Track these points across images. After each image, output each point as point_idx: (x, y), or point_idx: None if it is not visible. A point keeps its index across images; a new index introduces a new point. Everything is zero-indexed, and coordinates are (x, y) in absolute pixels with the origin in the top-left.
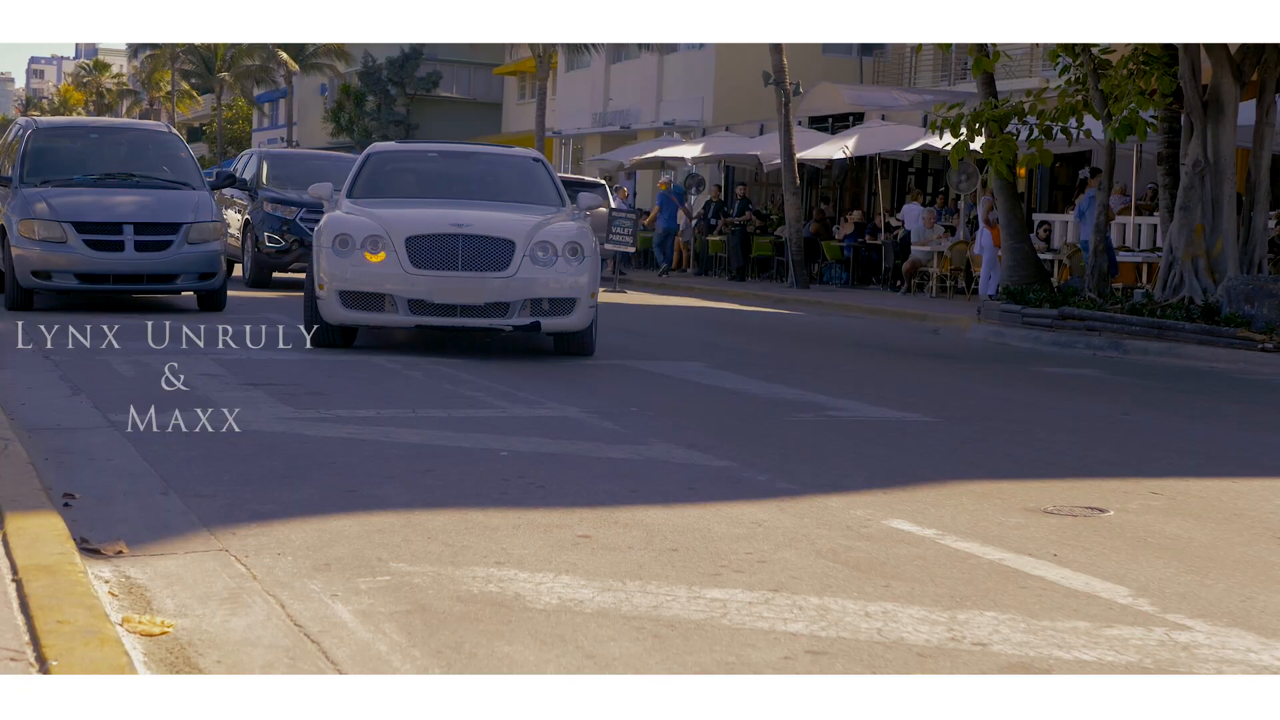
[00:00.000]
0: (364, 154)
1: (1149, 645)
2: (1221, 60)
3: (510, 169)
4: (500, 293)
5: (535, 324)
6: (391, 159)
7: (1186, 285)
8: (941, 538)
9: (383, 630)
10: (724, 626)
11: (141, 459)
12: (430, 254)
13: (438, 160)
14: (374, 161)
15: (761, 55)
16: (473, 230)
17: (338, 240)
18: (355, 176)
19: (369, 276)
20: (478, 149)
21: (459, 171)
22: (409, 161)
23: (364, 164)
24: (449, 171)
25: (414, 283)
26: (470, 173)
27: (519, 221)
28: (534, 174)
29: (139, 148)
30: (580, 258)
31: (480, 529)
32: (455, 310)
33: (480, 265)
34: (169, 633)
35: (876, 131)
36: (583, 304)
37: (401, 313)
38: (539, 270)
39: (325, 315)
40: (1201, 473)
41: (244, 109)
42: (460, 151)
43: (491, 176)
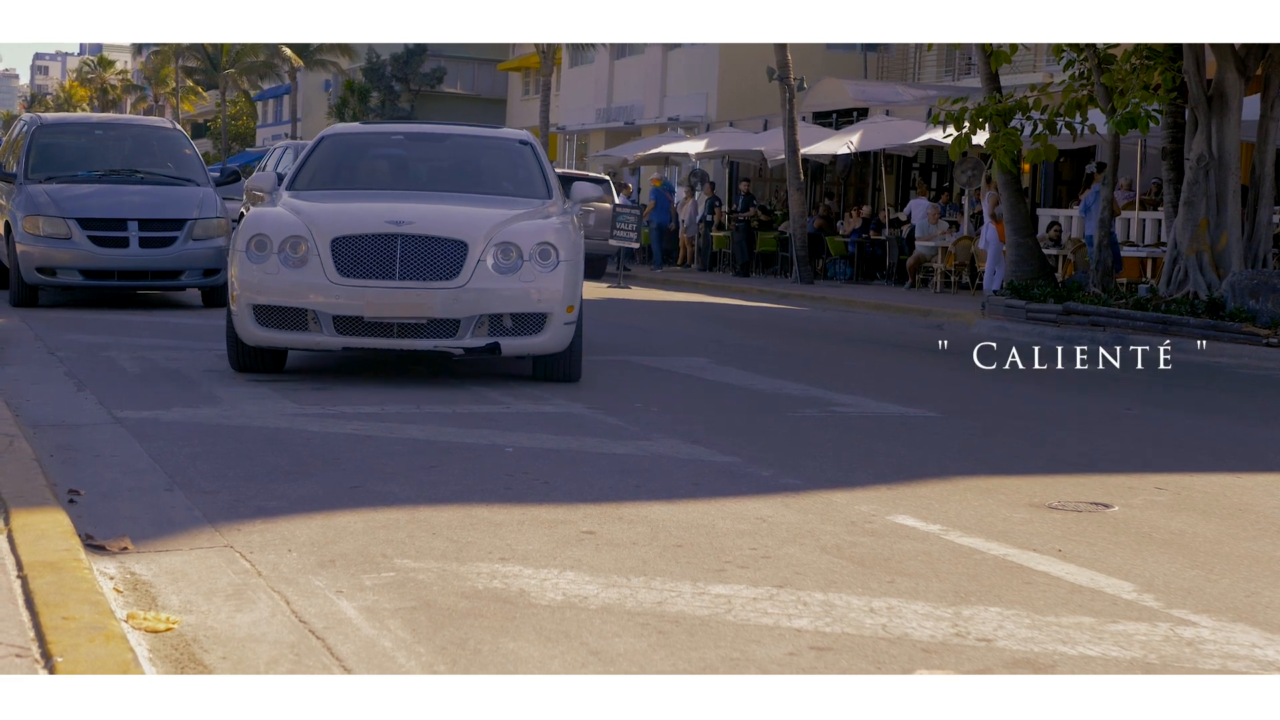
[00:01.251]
0: (316, 138)
1: (1154, 641)
2: (1226, 55)
3: (492, 154)
4: (448, 307)
5: (493, 345)
6: (348, 144)
7: (1191, 280)
8: (946, 533)
9: (388, 627)
10: (729, 622)
11: (146, 455)
12: (361, 259)
13: (404, 144)
14: (327, 147)
15: (765, 51)
16: (414, 229)
17: (253, 242)
18: (302, 165)
19: (287, 287)
20: (453, 130)
21: (429, 158)
22: (369, 146)
23: (314, 150)
24: (417, 158)
25: (340, 295)
26: (443, 159)
27: (476, 217)
28: (519, 160)
29: (143, 144)
30: (552, 261)
31: (485, 525)
32: (391, 329)
33: (423, 273)
34: (174, 629)
35: (881, 127)
36: (556, 319)
37: (326, 332)
38: (499, 278)
39: (240, 334)
40: (1206, 468)
41: (248, 105)
42: (432, 134)
43: (468, 164)
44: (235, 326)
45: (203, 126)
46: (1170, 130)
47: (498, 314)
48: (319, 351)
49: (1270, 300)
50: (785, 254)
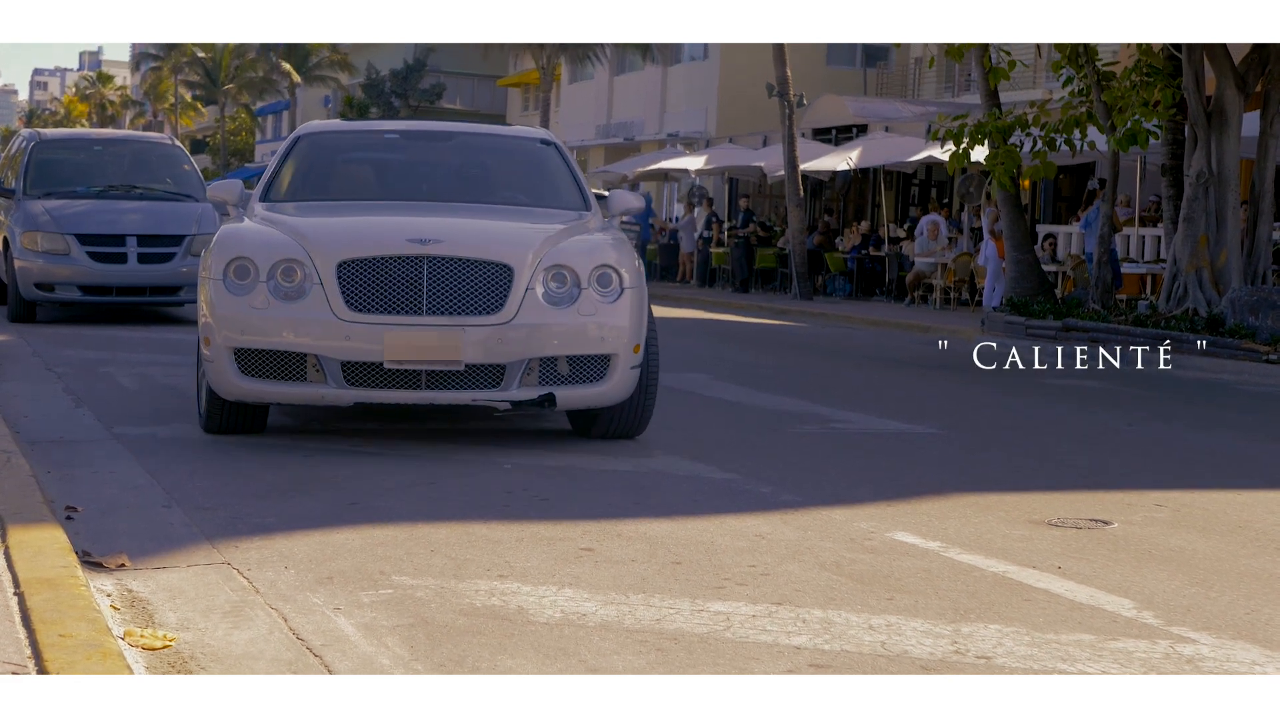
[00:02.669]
0: (291, 137)
1: (1154, 658)
2: (1225, 71)
3: (509, 157)
4: (491, 349)
5: (547, 397)
6: (330, 145)
7: (1190, 297)
8: (945, 550)
9: (385, 644)
10: (727, 640)
11: (144, 472)
12: (377, 288)
13: (399, 145)
14: (304, 148)
15: (765, 67)
16: (444, 249)
17: (232, 268)
18: (276, 170)
19: (280, 326)
20: (459, 128)
21: (432, 161)
22: (356, 148)
23: (289, 152)
24: (417, 161)
25: (352, 335)
26: (449, 163)
27: (518, 232)
28: (543, 163)
29: (142, 160)
30: (615, 289)
31: (483, 542)
32: (418, 378)
33: (457, 305)
34: (171, 646)
35: (880, 143)
36: (621, 363)
37: (332, 383)
38: (552, 311)
39: (215, 385)
40: (1206, 484)
41: (247, 121)
42: (433, 132)
43: (481, 168)
44: (209, 376)
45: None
46: (1170, 147)
47: (551, 357)
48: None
49: (1270, 317)
50: (784, 270)
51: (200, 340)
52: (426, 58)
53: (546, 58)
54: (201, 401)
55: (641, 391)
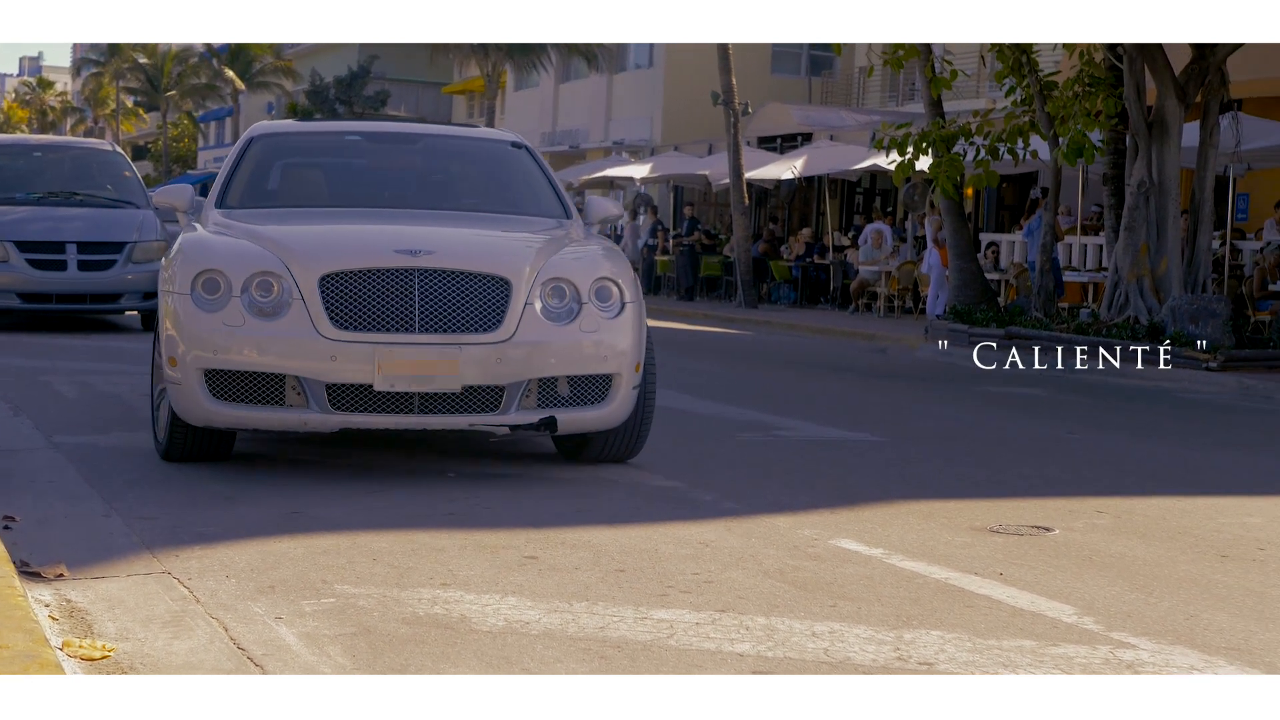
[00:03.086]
0: (243, 139)
1: (1094, 663)
2: (1166, 82)
3: (480, 161)
4: (489, 369)
5: (548, 420)
6: (287, 146)
7: (1132, 305)
8: (888, 557)
9: (327, 653)
10: (671, 647)
11: (83, 481)
12: (365, 304)
13: (364, 148)
14: (260, 151)
15: (710, 75)
16: (435, 260)
17: (201, 281)
18: (230, 174)
19: (257, 344)
20: (425, 129)
21: (399, 165)
22: (316, 150)
23: (243, 155)
24: (384, 165)
25: (338, 355)
26: (416, 167)
27: (513, 243)
28: (517, 168)
29: (83, 166)
30: (615, 304)
31: (426, 550)
32: (410, 402)
33: (452, 322)
34: (110, 656)
35: (825, 151)
36: (623, 383)
37: (315, 407)
38: (552, 329)
39: (182, 410)
40: (1146, 491)
41: (190, 128)
42: (397, 134)
43: (450, 173)
44: (175, 400)
45: (144, 149)
46: (1111, 156)
47: (551, 378)
48: (296, 435)
49: (1209, 325)
50: (729, 278)
51: (162, 360)
52: (371, 64)
53: (492, 65)
54: (159, 426)
55: (639, 413)
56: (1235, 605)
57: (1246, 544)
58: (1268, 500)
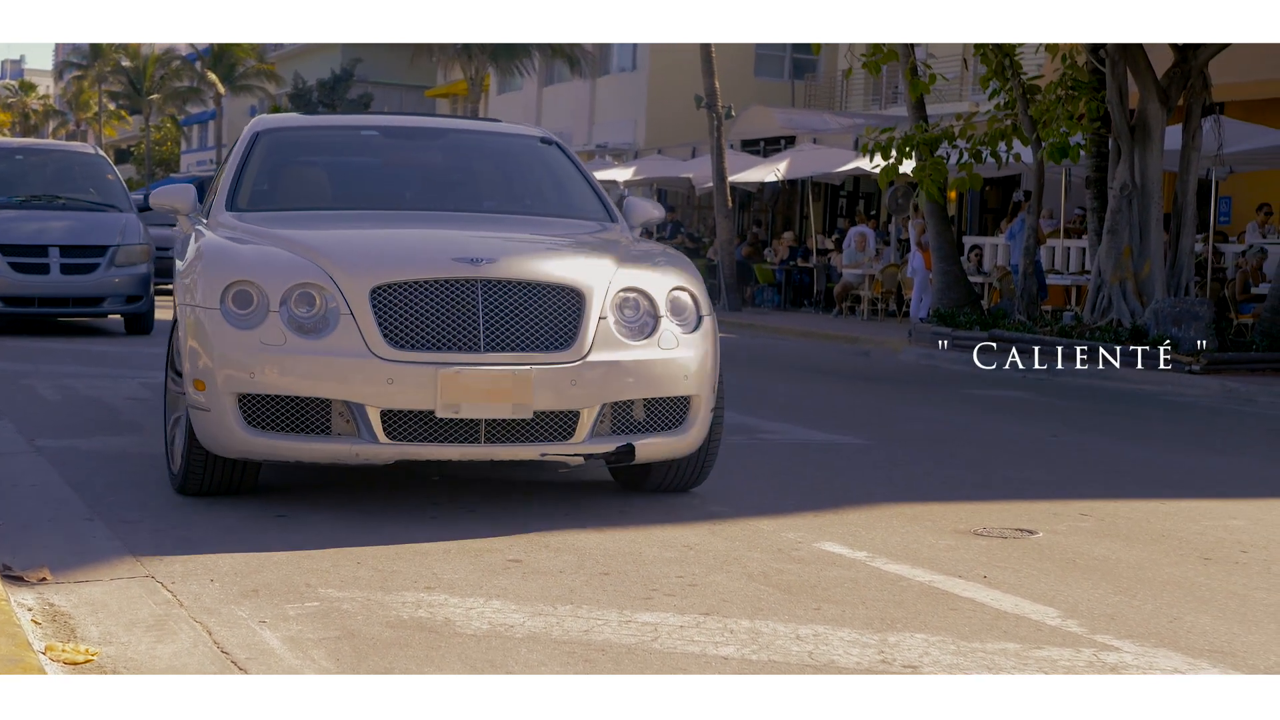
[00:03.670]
0: (247, 135)
1: (1078, 666)
2: (1148, 85)
3: (509, 158)
4: (563, 393)
5: (625, 449)
6: (297, 143)
7: (1115, 308)
8: (872, 560)
9: (311, 657)
10: (655, 651)
11: (66, 484)
12: (424, 319)
13: (379, 143)
14: (267, 148)
15: (693, 78)
16: (500, 270)
17: (232, 294)
18: (238, 174)
19: (302, 365)
20: (448, 124)
21: (423, 164)
22: (330, 147)
23: (249, 153)
24: (406, 163)
25: (395, 378)
26: (440, 166)
27: (581, 249)
28: (550, 166)
29: (65, 170)
30: (692, 317)
31: (410, 554)
32: (476, 430)
33: (522, 340)
34: (93, 660)
35: (808, 154)
36: (702, 406)
37: (366, 436)
38: (628, 346)
39: (210, 439)
40: (1129, 494)
41: (173, 131)
42: (417, 129)
43: (479, 172)
44: (202, 428)
45: (126, 152)
46: (1094, 159)
47: (627, 401)
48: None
49: (1192, 327)
50: (713, 281)
51: (184, 383)
52: (354, 68)
53: (475, 68)
54: (175, 457)
55: (710, 438)
56: (1218, 608)
57: (1229, 546)
58: (1250, 503)
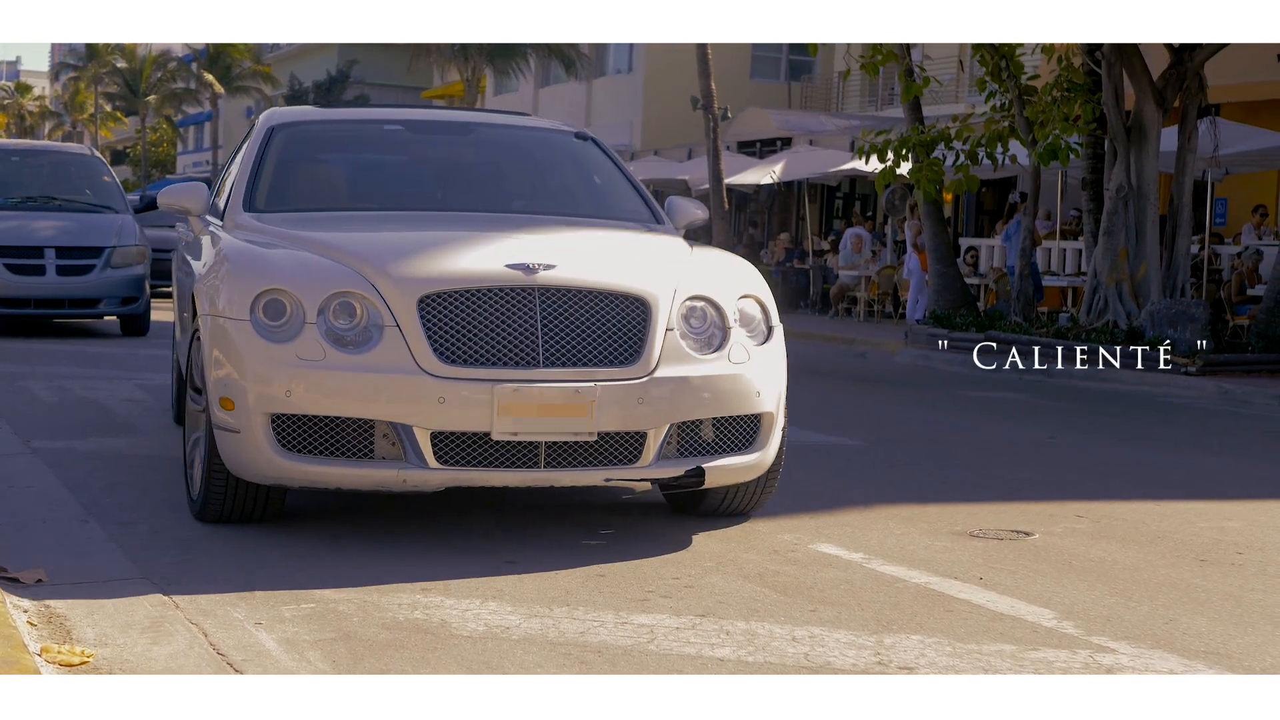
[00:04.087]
0: (261, 129)
1: (1074, 667)
2: (1144, 87)
3: (543, 155)
4: (629, 412)
5: (695, 472)
6: (315, 138)
7: (1111, 309)
8: (868, 561)
9: (307, 658)
10: (651, 652)
11: (62, 486)
12: (478, 331)
13: (404, 139)
14: (283, 143)
15: (689, 80)
16: (558, 276)
17: (262, 304)
18: (255, 171)
19: (344, 383)
20: (476, 118)
21: (453, 160)
22: (350, 143)
23: (265, 148)
24: (434, 160)
25: (449, 397)
26: (471, 163)
27: (641, 255)
28: (588, 163)
29: (61, 171)
30: (761, 327)
31: (406, 556)
32: (536, 453)
33: (585, 354)
34: (89, 662)
35: (804, 156)
36: (774, 424)
37: (413, 460)
38: (697, 360)
39: (237, 463)
40: (1126, 495)
41: (169, 132)
42: (444, 123)
43: (512, 170)
44: (229, 452)
45: (122, 153)
46: (1090, 161)
47: (695, 420)
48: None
49: (1188, 329)
50: None
51: (209, 402)
52: (350, 69)
53: (471, 69)
54: (195, 480)
55: (781, 455)
56: (1214, 609)
57: (1225, 548)
58: (1246, 504)
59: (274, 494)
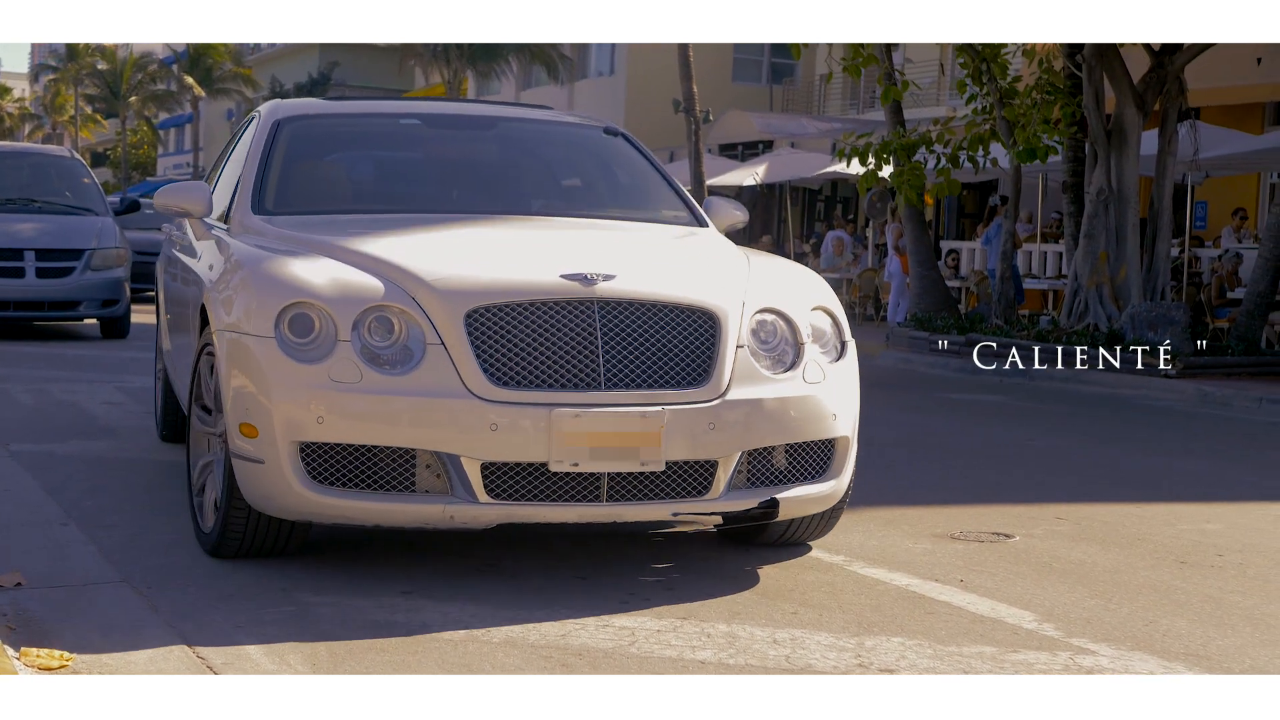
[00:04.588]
0: (266, 123)
1: (1054, 669)
2: (1124, 90)
3: (572, 151)
4: (700, 439)
5: (768, 505)
6: (327, 135)
7: (1091, 312)
8: (849, 564)
9: (287, 661)
10: (633, 655)
11: (41, 489)
12: (532, 350)
13: (423, 134)
14: (291, 139)
15: (672, 83)
16: (619, 287)
17: (288, 318)
18: (262, 169)
19: (383, 407)
20: (499, 111)
21: (471, 158)
22: (365, 138)
23: (272, 144)
24: (453, 157)
25: (500, 423)
26: (496, 161)
27: (702, 263)
28: (619, 161)
29: (41, 173)
30: (835, 343)
31: (386, 559)
32: (598, 485)
33: (650, 374)
34: (68, 665)
35: (786, 159)
36: (849, 449)
37: (463, 493)
38: (769, 380)
39: (260, 497)
40: (1106, 498)
41: (149, 134)
42: (465, 116)
43: (541, 168)
44: (251, 483)
45: (103, 155)
46: (1070, 164)
47: (768, 448)
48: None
49: (1168, 332)
50: None
51: (227, 427)
52: (331, 71)
53: (453, 71)
54: (205, 512)
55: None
56: (1194, 611)
57: (1205, 550)
58: (1226, 506)
59: (297, 528)
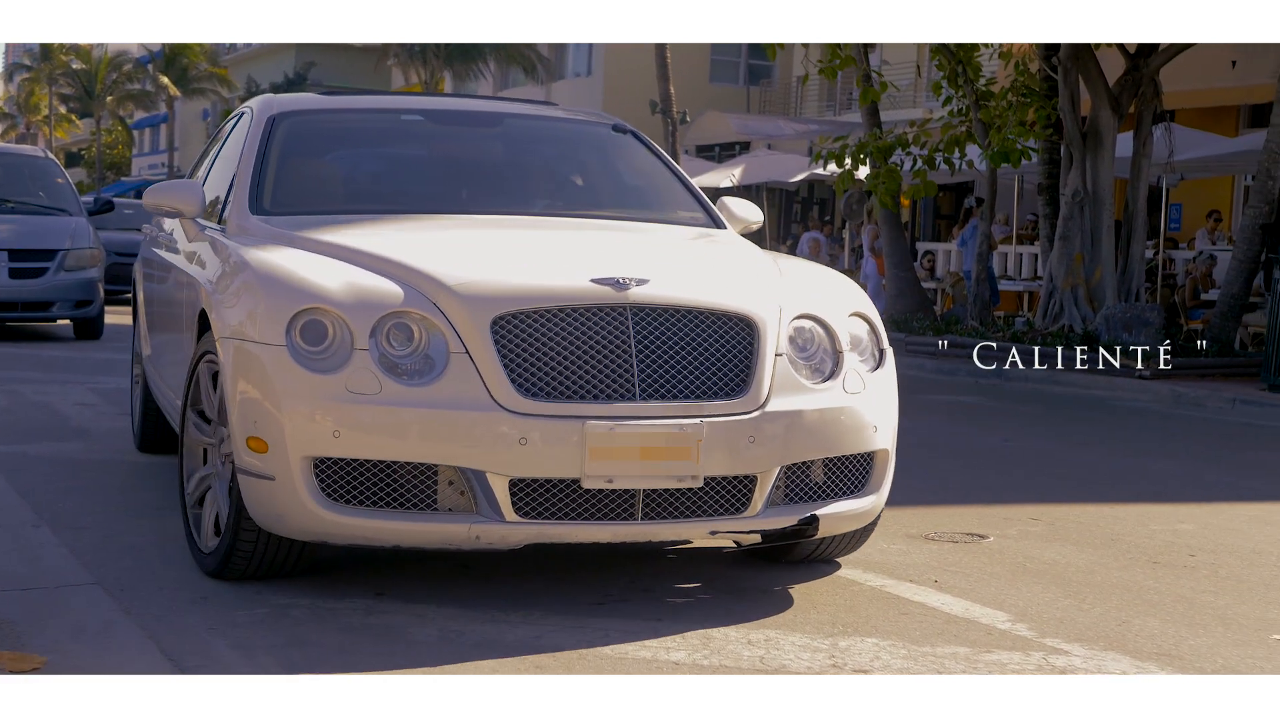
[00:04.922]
0: (261, 119)
1: (1027, 669)
2: (1100, 92)
3: (580, 149)
4: (739, 452)
5: (808, 522)
6: (326, 131)
7: (1066, 313)
8: (824, 564)
9: (260, 663)
10: (606, 656)
11: (13, 490)
12: (562, 359)
13: (426, 131)
14: (288, 135)
15: (649, 83)
16: (653, 292)
17: (301, 325)
18: (259, 166)
19: (404, 420)
20: (504, 108)
21: (478, 155)
22: (366, 135)
23: (267, 141)
24: (458, 155)
25: (529, 436)
26: (504, 159)
27: (734, 266)
28: (629, 159)
29: (14, 173)
30: (873, 351)
31: (360, 560)
32: (633, 503)
33: (686, 384)
34: (40, 669)
35: (763, 160)
36: (888, 463)
37: (489, 512)
38: (809, 390)
39: (270, 516)
40: (1079, 498)
41: (124, 134)
42: (470, 113)
43: (549, 166)
44: (259, 502)
45: (77, 155)
46: (1046, 166)
47: (806, 462)
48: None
49: (1143, 333)
50: None
51: (234, 440)
52: (308, 71)
53: (430, 72)
54: (205, 531)
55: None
56: (1166, 611)
57: (1178, 550)
58: (1199, 507)
59: (309, 548)
